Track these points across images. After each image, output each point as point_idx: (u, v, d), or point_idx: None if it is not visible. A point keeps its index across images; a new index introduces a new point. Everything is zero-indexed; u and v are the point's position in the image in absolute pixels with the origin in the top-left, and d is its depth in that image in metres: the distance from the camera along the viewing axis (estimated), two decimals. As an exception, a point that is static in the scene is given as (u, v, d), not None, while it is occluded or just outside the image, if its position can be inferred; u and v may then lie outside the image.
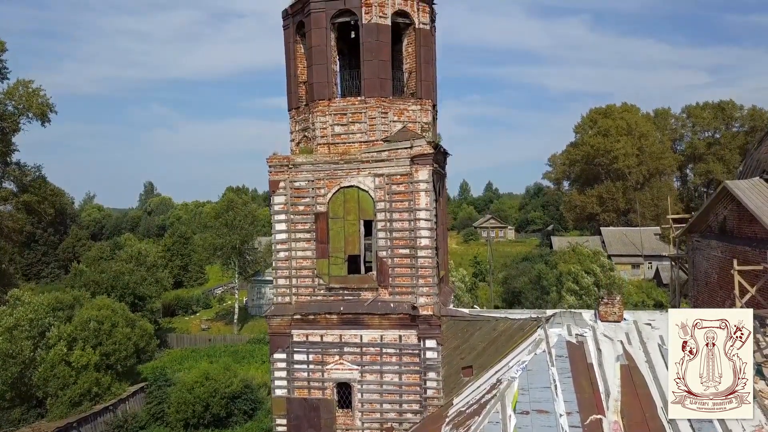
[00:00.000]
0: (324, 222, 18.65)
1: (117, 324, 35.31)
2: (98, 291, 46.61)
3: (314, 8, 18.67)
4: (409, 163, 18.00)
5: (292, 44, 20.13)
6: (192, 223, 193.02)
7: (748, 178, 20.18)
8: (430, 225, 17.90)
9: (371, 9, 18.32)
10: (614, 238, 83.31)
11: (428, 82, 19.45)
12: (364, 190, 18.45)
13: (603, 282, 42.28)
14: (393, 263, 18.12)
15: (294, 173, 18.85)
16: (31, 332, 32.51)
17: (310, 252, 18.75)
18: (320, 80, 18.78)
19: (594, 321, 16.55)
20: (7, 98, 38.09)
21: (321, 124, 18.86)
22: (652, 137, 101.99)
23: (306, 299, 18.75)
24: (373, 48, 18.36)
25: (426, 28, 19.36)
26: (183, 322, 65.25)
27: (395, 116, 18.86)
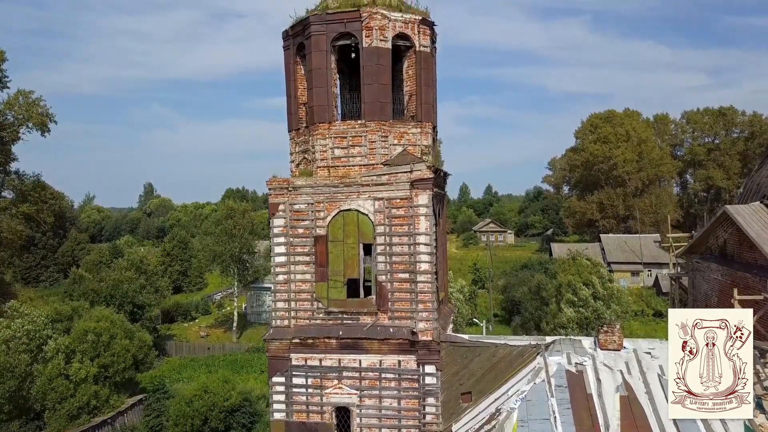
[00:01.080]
0: (323, 245, 18.60)
1: (116, 335, 35.23)
2: (97, 300, 46.57)
3: (314, 31, 18.63)
4: (408, 187, 17.96)
5: (293, 65, 20.08)
6: (191, 225, 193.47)
7: (749, 200, 20.17)
8: (430, 249, 17.85)
9: (372, 32, 18.29)
10: (614, 245, 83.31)
11: (428, 104, 19.41)
12: (364, 213, 18.41)
13: (602, 294, 42.18)
14: (392, 287, 18.07)
15: (293, 196, 18.82)
16: (29, 345, 32.43)
17: (310, 275, 18.69)
18: (320, 103, 18.74)
19: (594, 349, 16.50)
20: (8, 108, 38.09)
21: (321, 147, 18.82)
22: (651, 143, 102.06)
23: (305, 322, 18.70)
24: (373, 72, 18.32)
25: (426, 51, 19.31)
26: (182, 328, 65.20)
27: (395, 139, 18.81)
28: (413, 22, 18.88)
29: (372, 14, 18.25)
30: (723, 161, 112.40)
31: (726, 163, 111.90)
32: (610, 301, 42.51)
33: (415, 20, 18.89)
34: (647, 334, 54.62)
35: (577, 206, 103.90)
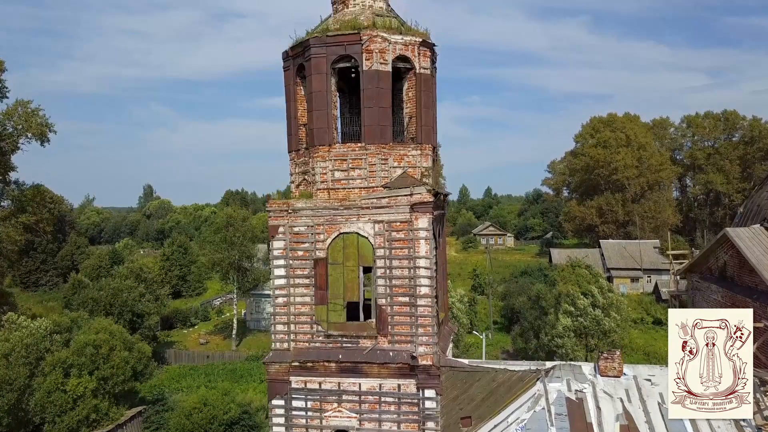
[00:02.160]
0: (323, 268, 18.57)
1: (115, 347, 35.12)
2: (96, 308, 46.51)
3: (315, 53, 18.60)
4: (408, 210, 17.94)
5: (293, 86, 20.05)
6: (191, 227, 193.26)
7: (749, 222, 20.14)
8: (430, 273, 17.82)
9: (372, 56, 18.26)
10: (613, 251, 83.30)
11: (428, 126, 19.37)
12: (364, 236, 18.38)
13: (601, 303, 42.17)
14: (392, 311, 18.04)
15: (293, 218, 18.79)
16: (27, 358, 32.36)
17: (309, 298, 18.67)
18: (320, 126, 18.71)
19: (594, 375, 16.48)
20: (7, 119, 38.05)
21: (321, 170, 18.79)
22: (651, 149, 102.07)
23: (304, 345, 18.67)
24: (373, 95, 18.29)
25: (427, 73, 19.28)
26: (181, 335, 65.13)
27: (395, 162, 18.79)
28: (413, 44, 18.85)
29: (372, 37, 18.22)
30: (723, 165, 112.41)
31: (726, 168, 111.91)
32: (610, 309, 42.46)
33: (415, 42, 18.86)
34: (647, 343, 54.72)
35: (576, 211, 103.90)
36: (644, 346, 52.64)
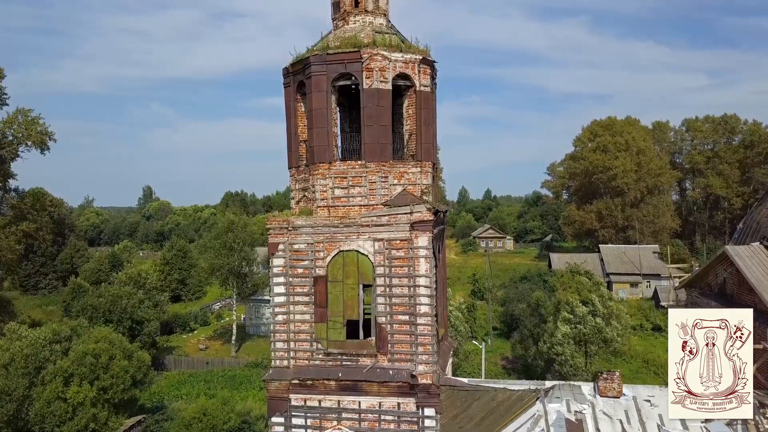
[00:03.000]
0: (323, 286, 18.58)
1: (115, 356, 35.15)
2: (96, 315, 46.52)
3: (315, 71, 18.62)
4: (408, 228, 17.95)
5: (293, 102, 20.07)
6: (190, 229, 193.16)
7: (748, 239, 20.18)
8: (430, 292, 17.84)
9: (372, 74, 18.28)
10: (613, 255, 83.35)
11: (428, 143, 19.39)
12: (364, 254, 18.39)
13: (601, 312, 42.21)
14: (392, 329, 18.06)
15: (293, 235, 18.80)
16: (27, 368, 32.37)
17: (309, 315, 18.68)
18: (321, 144, 18.72)
19: (593, 396, 16.50)
20: (7, 127, 38.06)
21: (321, 187, 18.80)
22: (651, 153, 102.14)
23: (304, 363, 18.68)
24: (373, 113, 18.31)
25: (427, 90, 19.30)
26: (181, 340, 65.14)
27: (395, 179, 18.80)
28: (413, 62, 18.87)
29: (373, 55, 18.24)
30: (722, 169, 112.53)
31: (725, 172, 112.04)
32: (610, 319, 42.50)
33: (416, 60, 18.88)
34: (646, 350, 54.74)
35: (576, 215, 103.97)
36: (644, 353, 52.66)
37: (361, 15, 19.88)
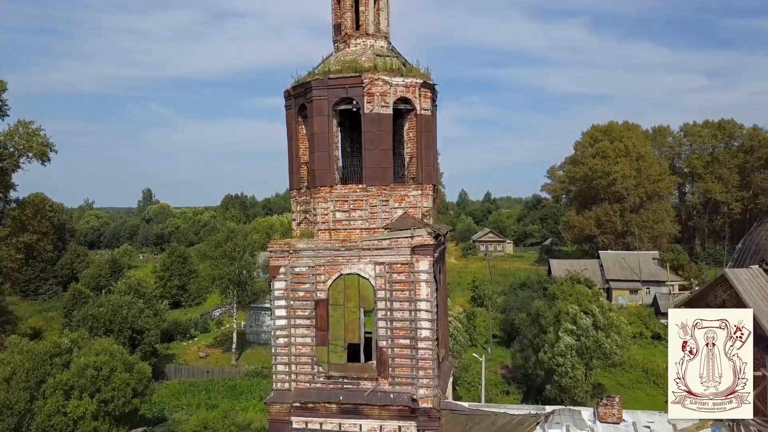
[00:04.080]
0: (324, 309, 18.66)
1: (115, 368, 35.21)
2: (96, 325, 46.57)
3: (316, 95, 18.72)
4: (409, 252, 18.04)
5: (294, 125, 20.19)
6: (190, 232, 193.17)
7: (747, 261, 20.25)
8: (431, 316, 17.92)
9: (373, 98, 18.39)
10: (612, 262, 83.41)
11: (429, 166, 19.49)
12: (365, 277, 18.48)
13: (602, 323, 42.25)
14: (393, 353, 18.14)
15: (295, 258, 18.88)
16: (28, 382, 32.44)
17: (310, 339, 18.76)
18: (322, 167, 18.82)
19: (593, 422, 16.57)
20: (8, 139, 38.15)
21: (322, 210, 18.89)
22: (650, 159, 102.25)
23: (305, 386, 18.77)
24: (374, 138, 18.41)
25: (427, 114, 19.41)
26: (181, 347, 65.15)
27: (396, 202, 18.89)
28: (414, 85, 18.97)
29: (374, 80, 18.35)
30: (721, 174, 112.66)
31: (724, 176, 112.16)
32: (610, 330, 42.55)
33: (416, 84, 18.98)
34: (645, 359, 54.77)
35: (575, 221, 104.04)
36: (643, 362, 52.68)
37: (362, 38, 20.00)
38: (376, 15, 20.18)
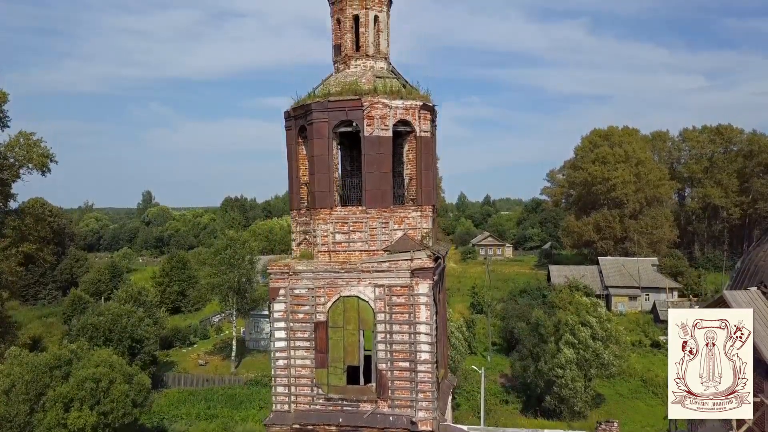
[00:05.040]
0: (323, 331, 18.70)
1: (115, 380, 35.24)
2: (96, 335, 46.57)
3: (316, 118, 18.77)
4: (409, 275, 18.08)
5: (294, 145, 20.23)
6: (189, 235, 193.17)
7: (746, 282, 20.27)
8: (430, 339, 17.96)
9: (373, 121, 18.44)
10: (612, 268, 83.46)
11: (428, 188, 19.53)
12: (365, 300, 18.51)
13: (600, 334, 42.30)
14: (392, 375, 18.18)
15: (294, 280, 18.91)
16: (28, 394, 32.45)
17: (310, 360, 18.79)
18: (322, 189, 18.85)
19: (592, 447, 16.59)
20: (8, 150, 38.21)
21: (322, 232, 18.92)
22: (650, 164, 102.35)
23: (305, 407, 18.79)
24: (374, 160, 18.45)
25: (427, 136, 19.46)
26: (180, 354, 65.10)
27: (396, 224, 18.93)
28: (414, 108, 19.02)
29: (374, 103, 18.39)
30: (720, 179, 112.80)
31: (723, 181, 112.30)
32: (608, 341, 42.60)
33: (416, 106, 19.04)
34: (645, 367, 54.79)
35: (575, 226, 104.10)
36: (642, 371, 52.67)
37: (362, 59, 20.06)
38: (376, 36, 20.24)
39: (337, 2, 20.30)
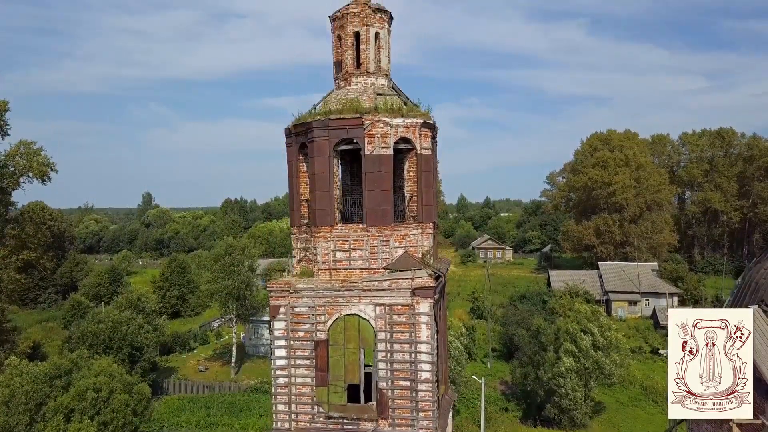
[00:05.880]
0: (324, 349, 18.68)
1: (115, 390, 35.25)
2: (96, 342, 46.54)
3: (317, 136, 18.77)
4: (410, 293, 18.07)
5: (295, 162, 20.22)
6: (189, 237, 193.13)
7: (746, 300, 20.19)
8: (431, 358, 17.95)
9: (374, 140, 18.44)
10: (612, 273, 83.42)
11: (429, 205, 19.54)
12: (365, 319, 18.50)
13: (601, 343, 42.28)
14: (393, 395, 18.16)
15: (294, 298, 18.90)
16: (27, 404, 32.44)
17: (310, 379, 18.78)
18: (322, 207, 18.86)
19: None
20: (9, 159, 38.20)
21: (323, 250, 18.91)
22: (650, 169, 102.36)
23: (305, 426, 18.78)
24: (375, 178, 18.44)
25: (428, 153, 19.46)
26: (180, 360, 65.05)
27: (396, 242, 18.92)
28: (415, 125, 19.02)
29: (374, 122, 18.39)
30: (720, 183, 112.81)
31: (723, 185, 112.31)
32: (609, 350, 42.58)
33: (417, 124, 19.04)
34: (645, 375, 54.79)
35: (574, 230, 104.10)
36: (642, 378, 52.64)
37: (363, 76, 20.04)
38: (377, 53, 20.24)
39: (337, 19, 20.29)
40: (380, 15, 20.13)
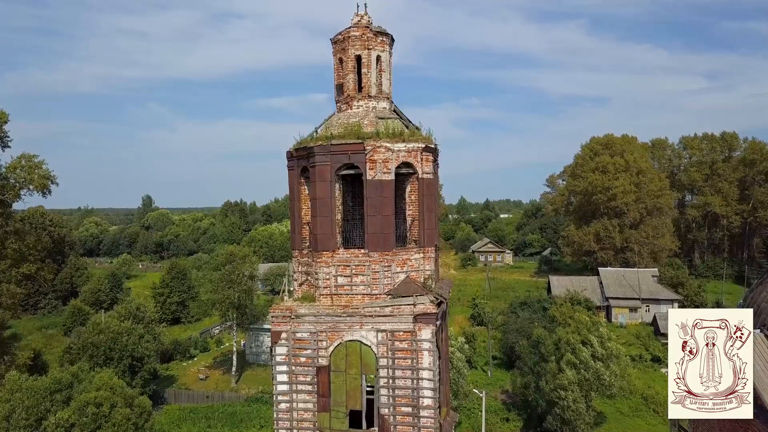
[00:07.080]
0: (325, 375, 18.64)
1: (116, 404, 35.15)
2: (96, 353, 46.45)
3: (319, 161, 18.72)
4: (412, 320, 18.03)
5: (296, 185, 20.20)
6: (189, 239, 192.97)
7: (749, 322, 20.18)
8: (433, 385, 17.91)
9: (375, 165, 18.40)
10: (612, 279, 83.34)
11: (431, 229, 19.51)
12: (367, 345, 18.46)
13: (601, 353, 42.24)
14: (394, 420, 18.13)
15: (296, 324, 18.86)
16: (28, 420, 32.36)
17: (312, 404, 18.74)
18: (324, 232, 18.82)
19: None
20: (10, 172, 38.18)
21: (324, 275, 18.87)
22: (650, 174, 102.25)
23: (307, 451, 18.73)
24: (376, 204, 18.41)
25: (429, 177, 19.41)
26: (180, 368, 64.93)
27: (398, 267, 18.89)
28: (416, 150, 18.98)
29: (376, 148, 18.36)
30: (721, 187, 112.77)
31: (724, 189, 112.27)
32: (609, 361, 42.52)
33: (418, 149, 19.00)
34: (645, 384, 54.69)
35: (575, 236, 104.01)
36: (643, 388, 52.52)
37: (365, 100, 20.00)
38: (379, 76, 20.21)
39: (339, 42, 20.25)
40: (382, 38, 20.09)
